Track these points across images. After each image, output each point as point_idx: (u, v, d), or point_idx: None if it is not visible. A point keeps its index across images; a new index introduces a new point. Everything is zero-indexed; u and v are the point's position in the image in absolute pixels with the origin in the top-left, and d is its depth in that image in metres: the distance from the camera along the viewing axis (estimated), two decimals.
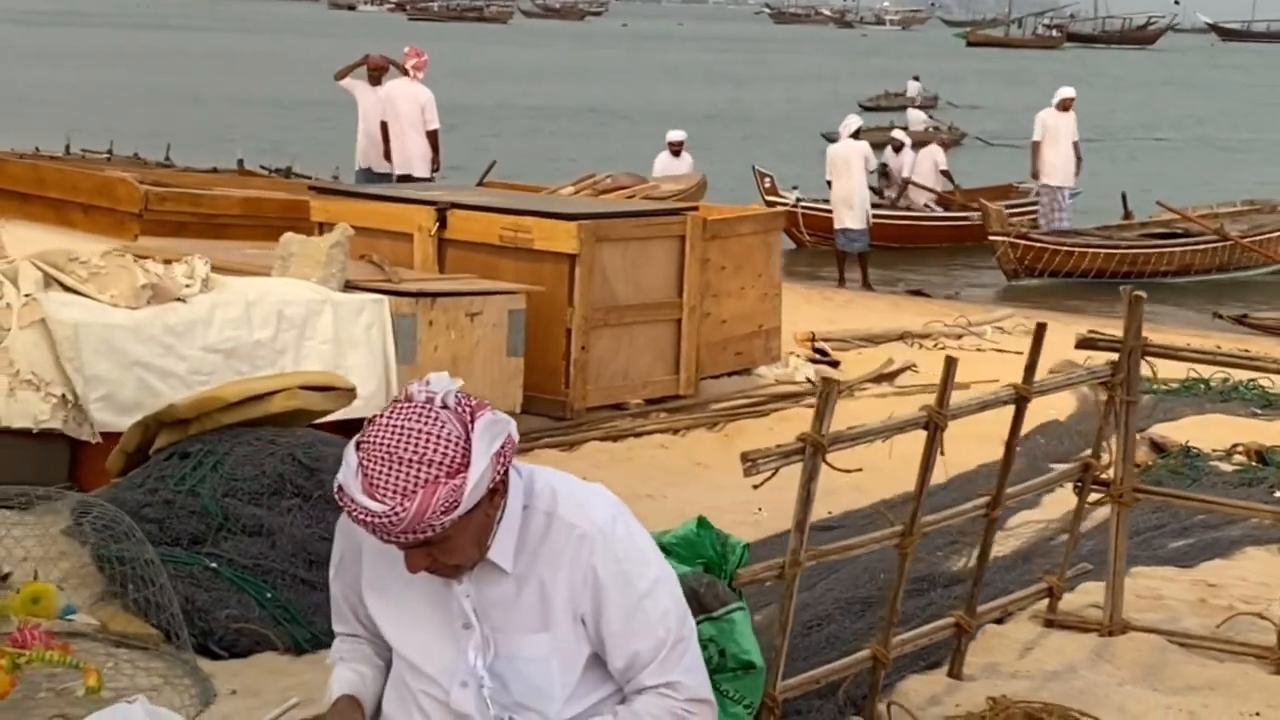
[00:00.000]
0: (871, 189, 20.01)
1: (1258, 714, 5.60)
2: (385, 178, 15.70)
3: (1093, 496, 6.34)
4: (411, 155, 15.72)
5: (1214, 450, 9.18)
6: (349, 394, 6.85)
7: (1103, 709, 5.22)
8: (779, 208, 18.09)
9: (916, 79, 50.55)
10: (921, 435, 5.18)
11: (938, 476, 7.93)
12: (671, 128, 20.13)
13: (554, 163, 29.91)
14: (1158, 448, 8.91)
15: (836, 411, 10.48)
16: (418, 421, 2.95)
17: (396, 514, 2.89)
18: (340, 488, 2.97)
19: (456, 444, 2.94)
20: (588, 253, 9.23)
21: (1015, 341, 13.67)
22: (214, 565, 5.80)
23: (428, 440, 2.92)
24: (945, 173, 22.46)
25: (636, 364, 9.56)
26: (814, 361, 11.08)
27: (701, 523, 4.82)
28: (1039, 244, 19.77)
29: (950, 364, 5.42)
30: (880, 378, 10.89)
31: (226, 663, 5.61)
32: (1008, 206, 21.13)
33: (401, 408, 2.98)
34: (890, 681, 5.54)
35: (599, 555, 3.13)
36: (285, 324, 8.02)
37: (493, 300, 8.74)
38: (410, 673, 3.24)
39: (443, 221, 9.76)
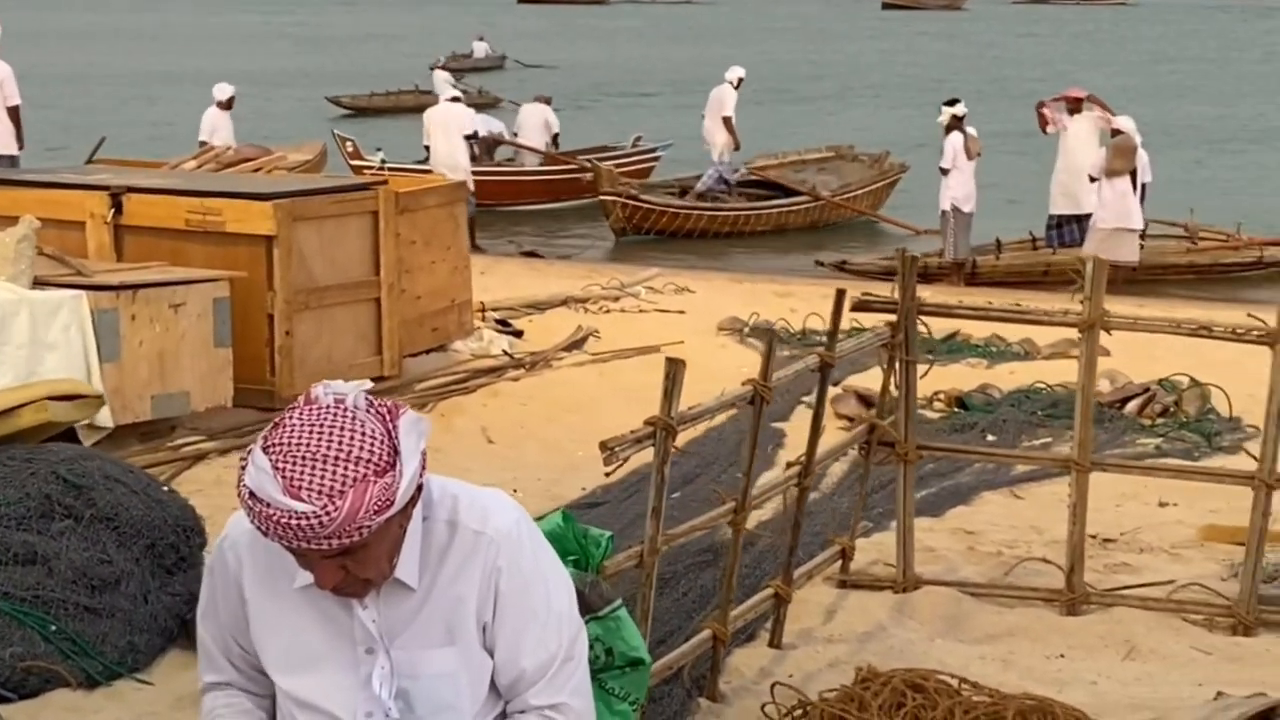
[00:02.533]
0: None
1: (1062, 655, 5.84)
2: None
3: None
4: None
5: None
6: (98, 401, 6.36)
7: (923, 665, 5.31)
8: (367, 172, 17.63)
9: (481, 39, 50.44)
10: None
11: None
12: (224, 88, 19.41)
13: (154, 132, 28.51)
14: (865, 401, 9.04)
15: (548, 382, 10.38)
16: (334, 420, 2.74)
17: (328, 513, 2.68)
18: (252, 493, 2.71)
19: (381, 441, 2.75)
20: (285, 233, 8.81)
21: (670, 300, 13.83)
22: None
23: (351, 437, 2.73)
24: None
25: (339, 346, 9.21)
26: (498, 333, 10.92)
27: (566, 517, 4.64)
28: (647, 205, 20.19)
29: (771, 337, 5.42)
30: (573, 345, 10.84)
31: (19, 705, 5.17)
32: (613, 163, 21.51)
33: (309, 409, 2.77)
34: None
35: (502, 560, 2.99)
36: None
37: (196, 289, 8.26)
38: (306, 714, 3.00)
39: (118, 207, 9.15)
